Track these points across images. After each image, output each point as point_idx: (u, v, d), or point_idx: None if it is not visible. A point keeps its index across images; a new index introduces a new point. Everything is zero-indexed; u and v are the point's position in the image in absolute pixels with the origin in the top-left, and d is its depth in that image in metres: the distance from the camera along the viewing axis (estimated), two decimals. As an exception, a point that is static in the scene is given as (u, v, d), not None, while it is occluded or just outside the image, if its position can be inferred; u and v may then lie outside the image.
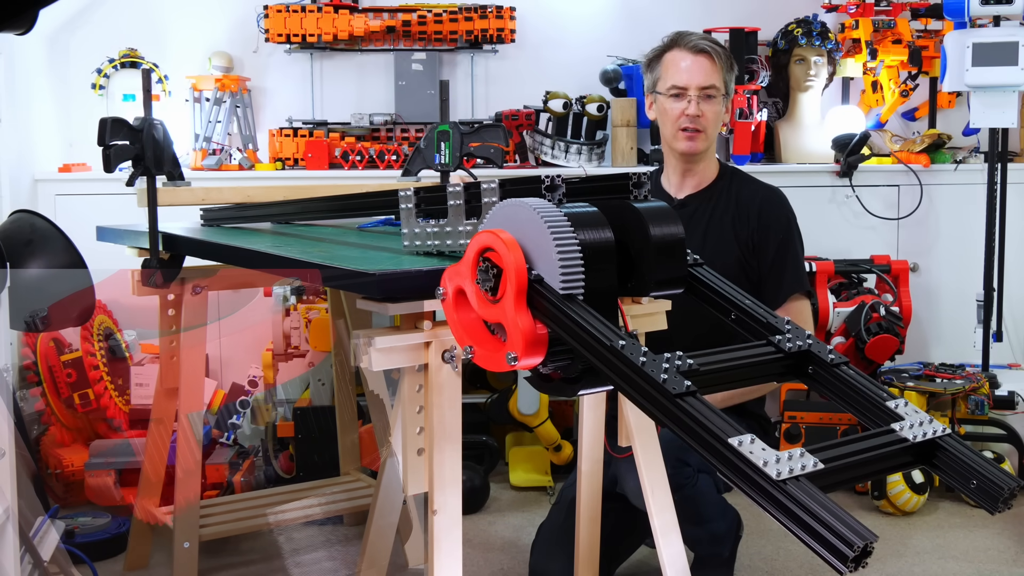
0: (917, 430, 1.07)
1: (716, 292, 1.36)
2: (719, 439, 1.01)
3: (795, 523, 0.94)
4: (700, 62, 2.42)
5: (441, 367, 1.54)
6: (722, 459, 1.01)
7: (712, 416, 1.03)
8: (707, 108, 2.42)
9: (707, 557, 2.42)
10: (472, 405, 3.34)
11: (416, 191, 1.73)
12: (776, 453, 0.97)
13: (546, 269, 1.23)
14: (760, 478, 0.96)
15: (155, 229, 2.22)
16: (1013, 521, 3.05)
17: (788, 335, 1.23)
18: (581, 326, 1.18)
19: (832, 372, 1.19)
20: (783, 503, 0.94)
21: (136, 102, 3.85)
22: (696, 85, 2.42)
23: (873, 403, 1.14)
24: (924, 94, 4.03)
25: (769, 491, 0.96)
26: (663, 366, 1.11)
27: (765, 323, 1.28)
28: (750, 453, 0.97)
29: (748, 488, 0.98)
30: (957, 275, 3.82)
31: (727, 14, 4.00)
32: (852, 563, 0.89)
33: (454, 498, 1.57)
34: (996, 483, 1.01)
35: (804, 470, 0.96)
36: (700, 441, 1.03)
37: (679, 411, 1.06)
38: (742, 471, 0.98)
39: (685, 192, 2.51)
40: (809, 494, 0.93)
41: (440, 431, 1.55)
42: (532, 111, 3.93)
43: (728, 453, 1.00)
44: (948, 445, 1.06)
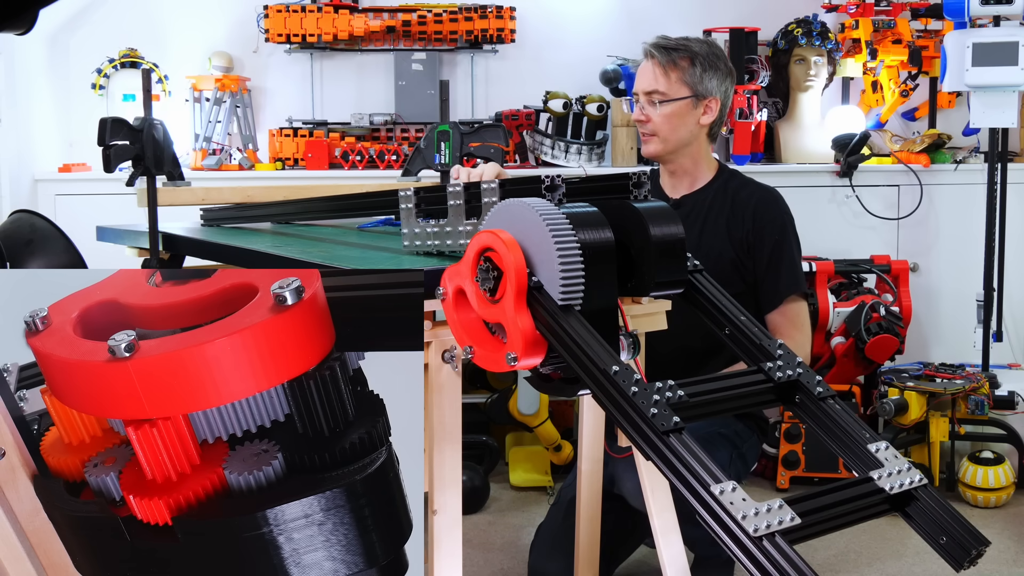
0: (895, 479, 1.09)
1: (712, 304, 1.36)
2: (703, 484, 1.03)
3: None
4: (645, 67, 2.43)
5: (441, 367, 1.54)
6: (703, 504, 1.04)
7: (696, 459, 1.06)
8: (652, 112, 2.41)
9: (707, 557, 2.42)
10: (472, 405, 3.33)
11: (416, 191, 1.73)
12: (755, 505, 1.00)
13: (546, 271, 1.23)
14: (739, 531, 1.00)
15: (155, 229, 2.22)
16: (1013, 521, 3.06)
17: (779, 362, 1.24)
18: (577, 344, 1.19)
19: (818, 405, 1.21)
20: (758, 559, 0.98)
21: (136, 102, 3.85)
22: (641, 90, 2.43)
23: (855, 443, 1.15)
24: (924, 94, 4.03)
25: (746, 546, 0.99)
26: (653, 398, 1.12)
27: (758, 345, 1.28)
28: (731, 504, 1.01)
29: (726, 538, 1.01)
30: (957, 275, 3.82)
31: (727, 14, 4.00)
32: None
33: (454, 498, 1.57)
34: (964, 543, 1.03)
35: (780, 525, 1.00)
36: (684, 483, 1.06)
37: (666, 449, 1.08)
38: (722, 521, 1.01)
39: (680, 192, 2.51)
40: (783, 553, 0.98)
41: (440, 431, 1.55)
42: (532, 111, 3.93)
43: (710, 500, 1.03)
44: (922, 497, 1.08)
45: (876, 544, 2.89)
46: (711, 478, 1.03)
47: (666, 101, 2.39)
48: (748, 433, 2.46)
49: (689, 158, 2.47)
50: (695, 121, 2.42)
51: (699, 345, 2.40)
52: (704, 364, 2.39)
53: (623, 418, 1.14)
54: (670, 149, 2.43)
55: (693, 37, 2.49)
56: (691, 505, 1.04)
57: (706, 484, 1.02)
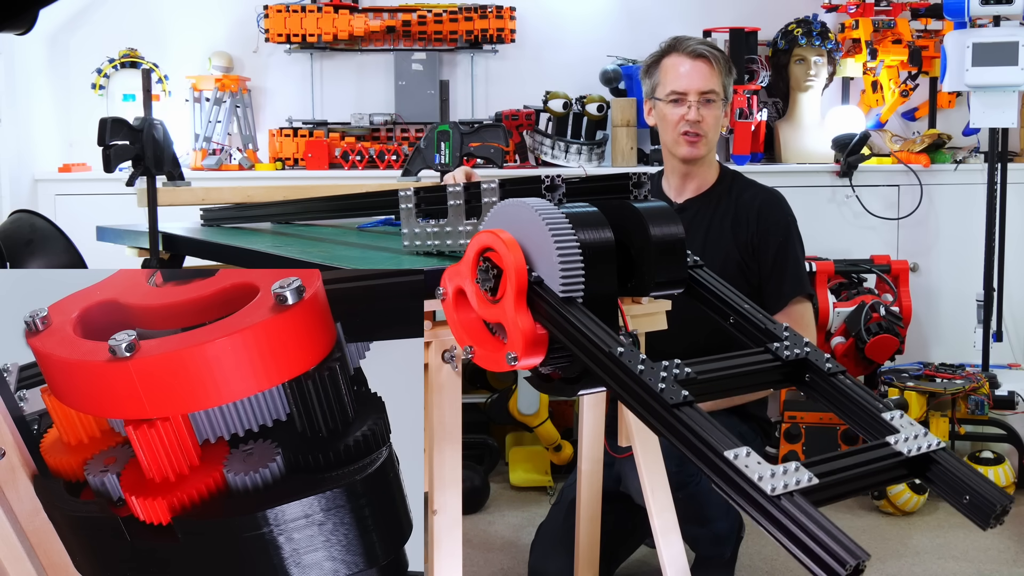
0: (912, 443, 1.07)
1: (715, 295, 1.36)
2: (715, 451, 1.01)
3: (788, 538, 0.94)
4: (699, 67, 2.42)
5: (441, 367, 1.54)
6: (718, 471, 1.01)
7: (709, 427, 1.03)
8: (707, 113, 2.42)
9: (708, 557, 2.42)
10: (472, 405, 3.34)
11: (416, 191, 1.73)
12: (771, 467, 0.97)
13: (546, 270, 1.23)
14: (755, 492, 0.97)
15: (155, 229, 2.22)
16: (1013, 521, 3.06)
17: (786, 342, 1.23)
18: (580, 331, 1.18)
19: (829, 381, 1.20)
20: (777, 518, 0.95)
21: (136, 102, 3.85)
22: (695, 90, 2.42)
23: (868, 414, 1.14)
24: (924, 94, 4.03)
25: (764, 506, 0.96)
26: (661, 375, 1.11)
27: (763, 329, 1.28)
28: (745, 467, 0.98)
29: (743, 501, 0.99)
30: (957, 275, 3.82)
31: (727, 14, 4.00)
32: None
33: (454, 498, 1.56)
34: (988, 499, 1.01)
35: (798, 485, 0.97)
36: (696, 453, 1.04)
37: (676, 421, 1.06)
38: (737, 485, 0.99)
39: (685, 196, 2.51)
40: (803, 510, 0.94)
41: (440, 431, 1.55)
42: (532, 111, 3.92)
43: (724, 466, 1.00)
44: (942, 459, 1.06)
45: (876, 544, 2.89)
46: (723, 444, 1.01)
47: (716, 101, 2.43)
48: (752, 435, 2.46)
49: (709, 161, 2.51)
50: (723, 123, 2.51)
51: (701, 348, 2.40)
52: None
53: (631, 397, 1.12)
54: (710, 150, 2.49)
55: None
56: (706, 474, 1.02)
57: (719, 451, 1.00)
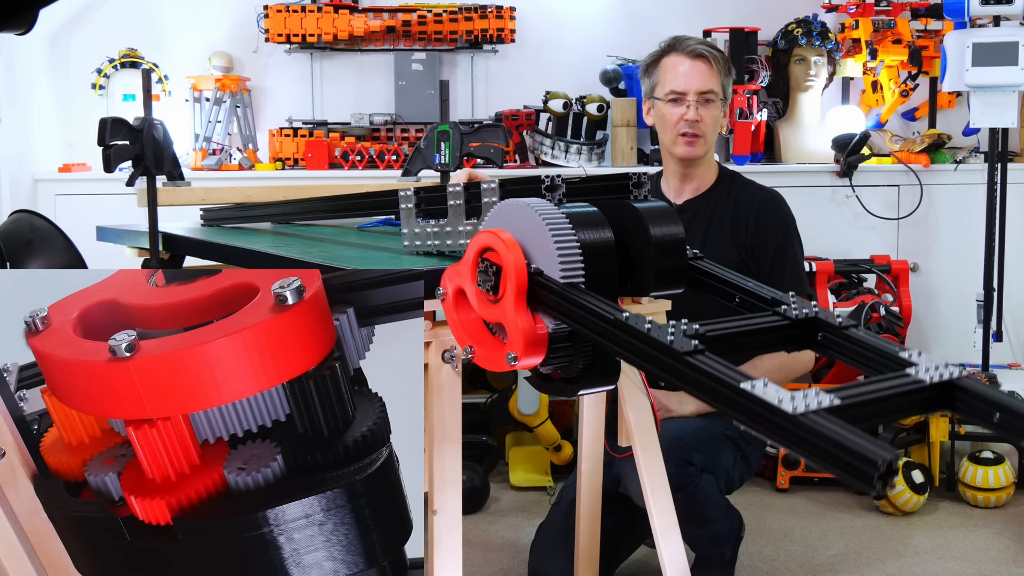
0: (933, 373, 1.04)
1: (718, 279, 1.36)
2: (731, 387, 1.00)
3: (814, 453, 0.91)
4: (698, 67, 2.42)
5: (441, 367, 1.54)
6: (736, 406, 0.99)
7: (721, 368, 1.03)
8: (705, 113, 2.42)
9: (708, 558, 2.42)
10: (472, 405, 3.34)
11: (416, 191, 1.73)
12: (791, 393, 0.96)
13: (546, 269, 1.23)
14: (776, 416, 0.94)
15: (155, 229, 2.22)
16: (1013, 521, 3.05)
17: (793, 305, 1.23)
18: (583, 306, 1.18)
19: (842, 335, 1.18)
20: (800, 435, 0.92)
21: (136, 102, 3.85)
22: (694, 90, 2.42)
23: (887, 357, 1.12)
24: (924, 94, 4.03)
25: (786, 426, 0.94)
26: (669, 331, 1.11)
27: (769, 299, 1.27)
28: (764, 394, 0.96)
29: (765, 429, 0.96)
30: (957, 275, 3.82)
31: (727, 14, 4.00)
32: (879, 481, 0.86)
33: (454, 498, 1.57)
34: (1020, 413, 0.98)
35: (820, 405, 0.94)
36: (712, 393, 1.02)
37: (689, 368, 1.05)
38: (757, 413, 0.97)
39: (684, 197, 2.51)
40: (826, 422, 0.91)
41: (440, 431, 1.55)
42: (532, 111, 3.93)
43: (741, 398, 0.98)
44: (965, 384, 1.03)
45: (876, 544, 2.89)
46: (738, 379, 0.99)
47: (715, 101, 2.43)
48: (752, 436, 2.45)
49: (708, 162, 2.50)
50: (722, 124, 2.50)
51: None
52: None
53: (642, 357, 1.11)
54: (709, 150, 2.49)
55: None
56: (727, 413, 1.00)
57: (735, 385, 0.99)
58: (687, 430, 2.31)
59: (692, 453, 2.26)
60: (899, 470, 0.84)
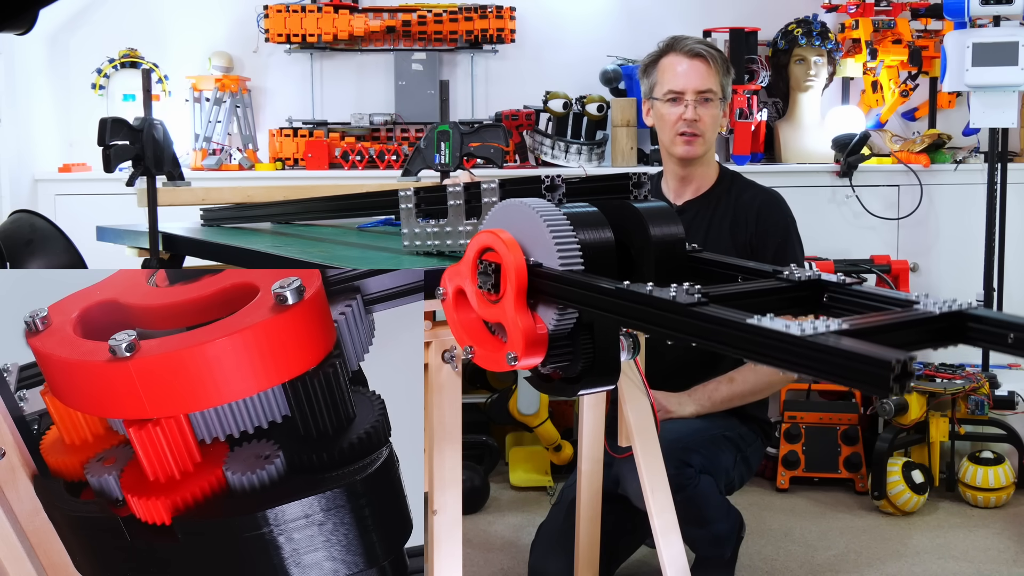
0: (942, 305, 1.04)
1: (720, 264, 1.35)
2: (739, 325, 1.00)
3: (826, 369, 0.91)
4: (696, 66, 2.42)
5: (441, 367, 1.54)
6: (746, 343, 0.99)
7: (726, 312, 1.03)
8: (704, 112, 2.42)
9: (708, 558, 2.42)
10: (472, 405, 3.33)
11: (416, 191, 1.73)
12: (796, 322, 0.96)
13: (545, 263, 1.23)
14: (785, 341, 0.95)
15: (155, 229, 2.22)
16: (1013, 521, 3.06)
17: (795, 271, 1.23)
18: (584, 284, 1.18)
19: (848, 291, 1.18)
20: (811, 355, 0.92)
21: (136, 102, 3.85)
22: (693, 89, 2.42)
23: (897, 301, 1.11)
24: (924, 94, 4.03)
25: (795, 349, 0.94)
26: (671, 288, 1.11)
27: (771, 272, 1.28)
28: (771, 325, 0.97)
29: (775, 356, 0.96)
30: (957, 275, 3.82)
31: (727, 14, 4.00)
32: (895, 383, 0.85)
33: (454, 498, 1.57)
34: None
35: (828, 329, 0.95)
36: (721, 337, 1.02)
37: (696, 319, 1.05)
38: (768, 343, 0.96)
39: (684, 198, 2.51)
40: (835, 339, 0.92)
41: (440, 431, 1.55)
42: (532, 111, 3.93)
43: (750, 334, 0.98)
44: (976, 312, 1.02)
45: (876, 544, 2.89)
46: (743, 316, 1.00)
47: (713, 100, 2.43)
48: (752, 436, 2.46)
49: (708, 162, 2.50)
50: (721, 123, 2.50)
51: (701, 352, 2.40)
52: (708, 371, 2.39)
53: (648, 320, 1.12)
54: (708, 149, 2.48)
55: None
56: (731, 352, 1.01)
57: (740, 323, 0.99)
58: (686, 431, 2.31)
59: (691, 455, 2.26)
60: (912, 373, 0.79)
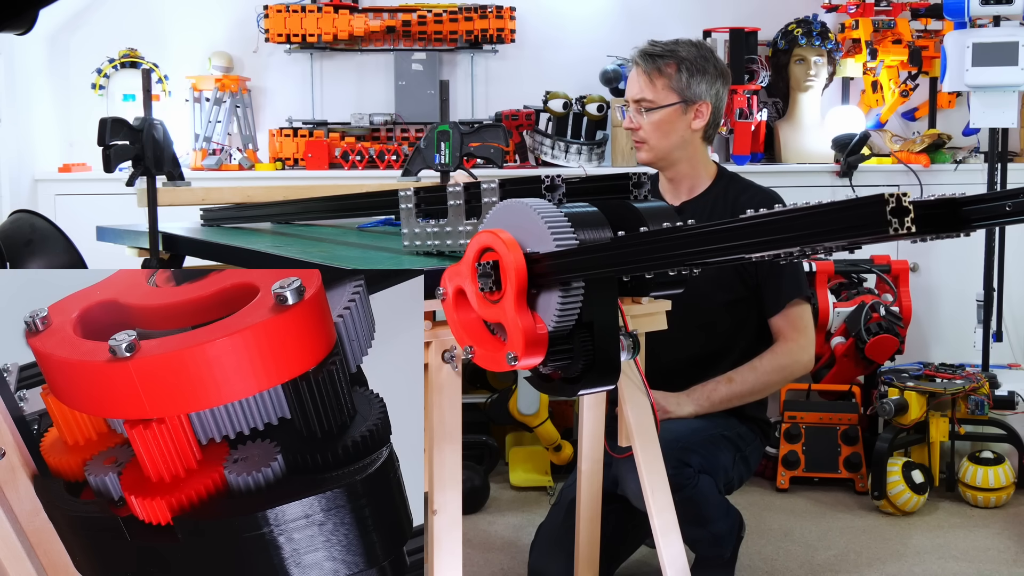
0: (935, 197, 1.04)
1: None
2: (733, 223, 1.02)
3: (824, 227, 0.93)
4: (632, 75, 2.43)
5: (441, 367, 1.54)
6: (744, 234, 1.01)
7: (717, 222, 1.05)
8: (640, 120, 2.40)
9: (708, 558, 2.42)
10: (472, 405, 3.34)
11: (416, 191, 1.73)
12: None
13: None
14: (777, 218, 0.98)
15: (155, 229, 2.22)
16: (1013, 521, 3.06)
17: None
18: (579, 250, 1.20)
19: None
20: (805, 221, 0.95)
21: (136, 102, 3.85)
22: (630, 98, 2.43)
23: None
24: (924, 94, 4.03)
25: (789, 223, 0.96)
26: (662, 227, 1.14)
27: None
28: (762, 212, 0.99)
29: (778, 235, 0.98)
30: (957, 275, 3.82)
31: (727, 14, 4.00)
32: (893, 217, 0.84)
33: (454, 498, 1.57)
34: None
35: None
36: (716, 238, 1.04)
37: (692, 235, 1.07)
38: (764, 227, 0.99)
39: (681, 198, 2.51)
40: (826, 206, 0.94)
41: (440, 431, 1.55)
42: (532, 111, 3.93)
43: (746, 224, 1.00)
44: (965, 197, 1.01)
45: (876, 544, 2.89)
46: (735, 217, 1.02)
47: (653, 109, 2.38)
48: (751, 436, 2.46)
49: (687, 163, 2.46)
50: (686, 127, 2.40)
51: (700, 352, 2.40)
52: (707, 372, 2.39)
53: (650, 259, 1.13)
54: (661, 156, 2.43)
55: (683, 40, 2.44)
56: (737, 248, 1.02)
57: (735, 222, 1.02)
58: (685, 431, 2.30)
59: (690, 455, 2.26)
60: (908, 209, 0.72)
